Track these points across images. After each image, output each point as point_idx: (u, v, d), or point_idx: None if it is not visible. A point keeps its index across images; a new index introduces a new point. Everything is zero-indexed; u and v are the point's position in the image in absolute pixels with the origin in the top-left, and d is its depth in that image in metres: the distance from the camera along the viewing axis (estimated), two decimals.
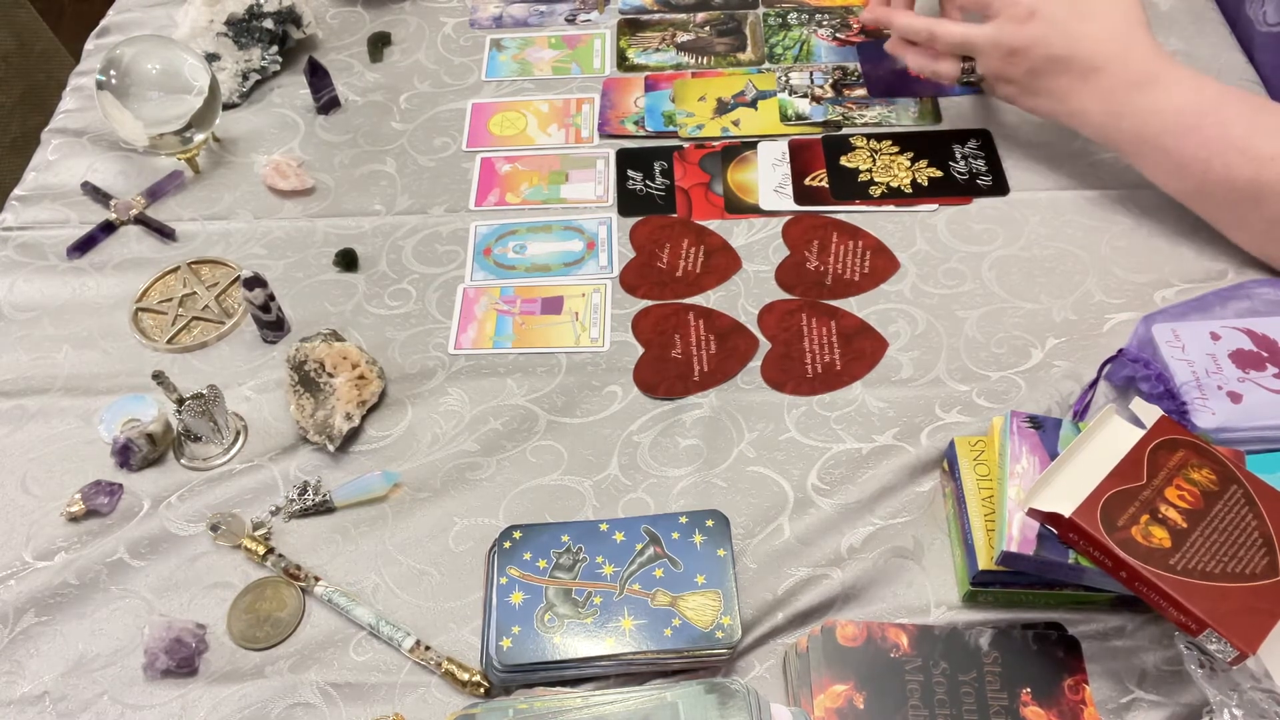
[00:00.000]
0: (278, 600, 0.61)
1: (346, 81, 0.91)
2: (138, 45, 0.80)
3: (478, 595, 0.61)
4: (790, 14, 0.93)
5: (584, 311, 0.74)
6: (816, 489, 0.64)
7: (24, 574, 0.63)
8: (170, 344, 0.74)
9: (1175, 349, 0.63)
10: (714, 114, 0.86)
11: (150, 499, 0.66)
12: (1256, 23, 0.83)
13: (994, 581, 0.57)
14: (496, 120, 0.87)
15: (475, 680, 0.57)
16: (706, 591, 0.57)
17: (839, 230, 0.77)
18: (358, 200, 0.83)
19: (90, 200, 0.84)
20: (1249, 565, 0.52)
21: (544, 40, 0.94)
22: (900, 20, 0.79)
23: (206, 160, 0.86)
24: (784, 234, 0.78)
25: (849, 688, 0.54)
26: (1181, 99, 0.69)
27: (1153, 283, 0.71)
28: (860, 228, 0.77)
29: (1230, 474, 0.55)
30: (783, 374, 0.69)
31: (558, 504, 0.65)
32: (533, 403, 0.69)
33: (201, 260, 0.80)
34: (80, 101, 0.92)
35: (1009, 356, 0.69)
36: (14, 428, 0.71)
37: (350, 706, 0.57)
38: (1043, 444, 0.58)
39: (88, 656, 0.60)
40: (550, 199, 0.82)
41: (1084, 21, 0.71)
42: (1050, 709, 0.53)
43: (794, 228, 0.78)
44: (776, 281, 0.75)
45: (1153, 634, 0.57)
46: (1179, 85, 0.69)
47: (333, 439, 0.67)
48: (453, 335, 0.73)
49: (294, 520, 0.65)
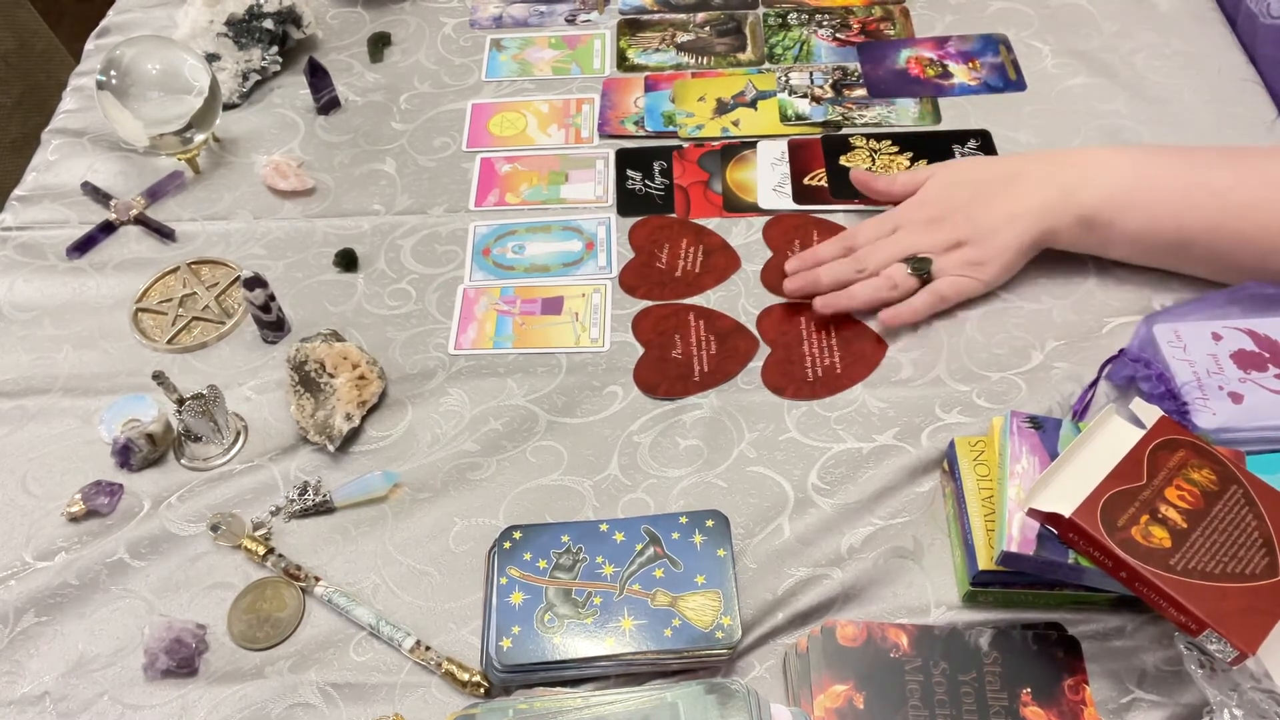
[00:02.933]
0: (278, 600, 0.61)
1: (346, 81, 0.91)
2: (138, 45, 0.80)
3: (478, 595, 0.61)
4: (790, 14, 0.93)
5: (584, 312, 0.74)
6: (817, 489, 0.64)
7: (24, 574, 0.63)
8: (170, 344, 0.74)
9: (1177, 349, 0.63)
10: (714, 114, 0.86)
11: (150, 499, 0.66)
12: (1260, 16, 0.83)
13: (994, 581, 0.57)
14: (496, 120, 0.87)
15: (475, 680, 0.57)
16: (706, 591, 0.57)
17: (819, 228, 0.77)
18: (357, 200, 0.83)
19: (90, 200, 0.84)
20: (1249, 565, 0.52)
21: (544, 40, 0.94)
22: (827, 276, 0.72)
23: (206, 160, 0.86)
24: (765, 236, 0.77)
25: (849, 688, 0.54)
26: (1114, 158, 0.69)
27: (1154, 284, 0.71)
28: (840, 225, 0.77)
29: (1230, 474, 0.55)
30: (783, 378, 0.69)
31: (558, 504, 0.65)
32: (533, 403, 0.69)
33: (201, 260, 0.80)
34: (80, 101, 0.92)
35: (1009, 357, 0.69)
36: (14, 428, 0.71)
37: (350, 707, 0.57)
38: (1043, 444, 0.58)
39: (88, 656, 0.60)
40: (550, 199, 0.82)
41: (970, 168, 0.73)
42: (1050, 709, 0.53)
43: (774, 229, 0.78)
44: (763, 284, 0.75)
45: (1153, 634, 0.57)
46: (1102, 151, 0.70)
47: (333, 439, 0.67)
48: (453, 335, 0.73)
49: (294, 520, 0.65)
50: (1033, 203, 0.69)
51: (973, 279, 0.70)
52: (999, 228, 0.69)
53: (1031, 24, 0.90)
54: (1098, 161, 0.69)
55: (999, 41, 0.89)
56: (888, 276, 0.71)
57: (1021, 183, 0.70)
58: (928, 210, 0.72)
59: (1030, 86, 0.85)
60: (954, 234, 0.70)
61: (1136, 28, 0.89)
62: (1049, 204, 0.69)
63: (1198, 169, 0.67)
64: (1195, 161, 0.68)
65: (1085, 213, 0.68)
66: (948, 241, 0.71)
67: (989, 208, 0.70)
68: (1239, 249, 0.66)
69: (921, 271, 0.70)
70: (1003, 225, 0.69)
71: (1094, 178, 0.68)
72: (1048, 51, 0.88)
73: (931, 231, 0.71)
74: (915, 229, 0.72)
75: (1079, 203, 0.68)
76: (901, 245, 0.72)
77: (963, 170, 0.74)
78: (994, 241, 0.69)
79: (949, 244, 0.71)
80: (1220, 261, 0.67)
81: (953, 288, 0.70)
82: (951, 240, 0.71)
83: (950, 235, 0.71)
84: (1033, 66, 0.87)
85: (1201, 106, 0.82)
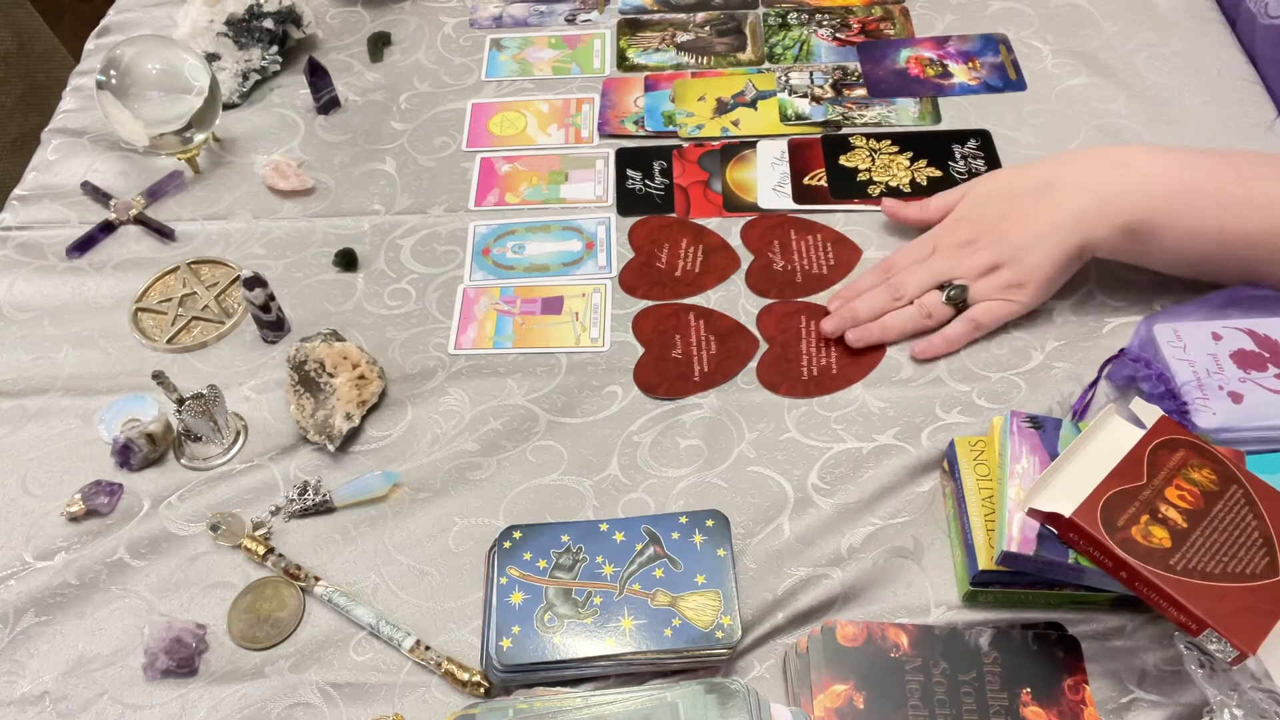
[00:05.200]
0: (278, 600, 0.61)
1: (346, 81, 0.91)
2: (138, 45, 0.80)
3: (478, 595, 0.61)
4: (790, 14, 0.93)
5: (584, 311, 0.74)
6: (817, 489, 0.64)
7: (24, 574, 0.63)
8: (170, 344, 0.74)
9: (1177, 349, 0.63)
10: (714, 114, 0.86)
11: (150, 499, 0.66)
12: (1259, 16, 0.83)
13: (994, 581, 0.57)
14: (496, 120, 0.87)
15: (475, 680, 0.57)
16: (706, 591, 0.57)
17: (795, 227, 0.77)
18: (357, 200, 0.83)
19: (90, 200, 0.84)
20: (1249, 565, 0.52)
21: (544, 40, 0.94)
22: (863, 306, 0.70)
23: (206, 160, 0.86)
24: (743, 239, 0.77)
25: (849, 688, 0.54)
26: (1159, 162, 0.65)
27: (1154, 284, 0.71)
28: (815, 221, 0.77)
29: (1230, 474, 0.55)
30: (778, 375, 0.69)
31: (558, 504, 0.65)
32: (533, 403, 0.69)
33: (201, 260, 0.80)
34: (80, 101, 0.92)
35: (1009, 357, 0.69)
36: (14, 428, 0.71)
37: (350, 706, 0.57)
38: (1043, 444, 0.58)
39: (88, 656, 0.60)
40: (550, 199, 0.82)
41: (1002, 180, 0.71)
42: (1050, 709, 0.53)
43: (751, 231, 0.78)
44: (748, 286, 0.74)
45: (1153, 634, 0.57)
46: (1144, 153, 0.66)
47: (333, 439, 0.67)
48: (453, 335, 0.73)
49: (294, 520, 0.65)
50: (1067, 214, 0.66)
51: (1010, 302, 0.68)
52: (1032, 245, 0.66)
53: (1031, 24, 0.90)
54: (1140, 166, 0.65)
55: (999, 41, 0.89)
56: (922, 305, 0.69)
57: (1055, 193, 0.67)
58: (961, 232, 0.70)
59: (1030, 86, 0.85)
60: (988, 257, 0.68)
61: (1136, 28, 0.89)
62: (1086, 213, 0.65)
63: (1246, 180, 0.63)
64: (1242, 171, 0.64)
65: (1130, 221, 0.64)
66: (983, 266, 0.68)
67: (1021, 225, 0.67)
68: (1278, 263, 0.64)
69: (957, 301, 0.68)
70: (1035, 242, 0.66)
71: (1138, 183, 0.64)
72: (1048, 51, 0.88)
73: (966, 255, 0.69)
74: (950, 253, 0.70)
75: (1122, 210, 0.64)
76: (937, 270, 0.69)
77: (994, 183, 0.71)
78: (1028, 261, 0.67)
79: (985, 268, 0.68)
80: (1256, 274, 0.65)
81: (988, 314, 0.68)
82: (987, 264, 0.68)
83: (985, 259, 0.68)
84: (1033, 66, 0.87)
85: (1201, 107, 0.82)
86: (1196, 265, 0.67)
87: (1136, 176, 0.65)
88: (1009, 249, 0.67)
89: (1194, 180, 0.64)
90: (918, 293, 0.70)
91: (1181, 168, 0.65)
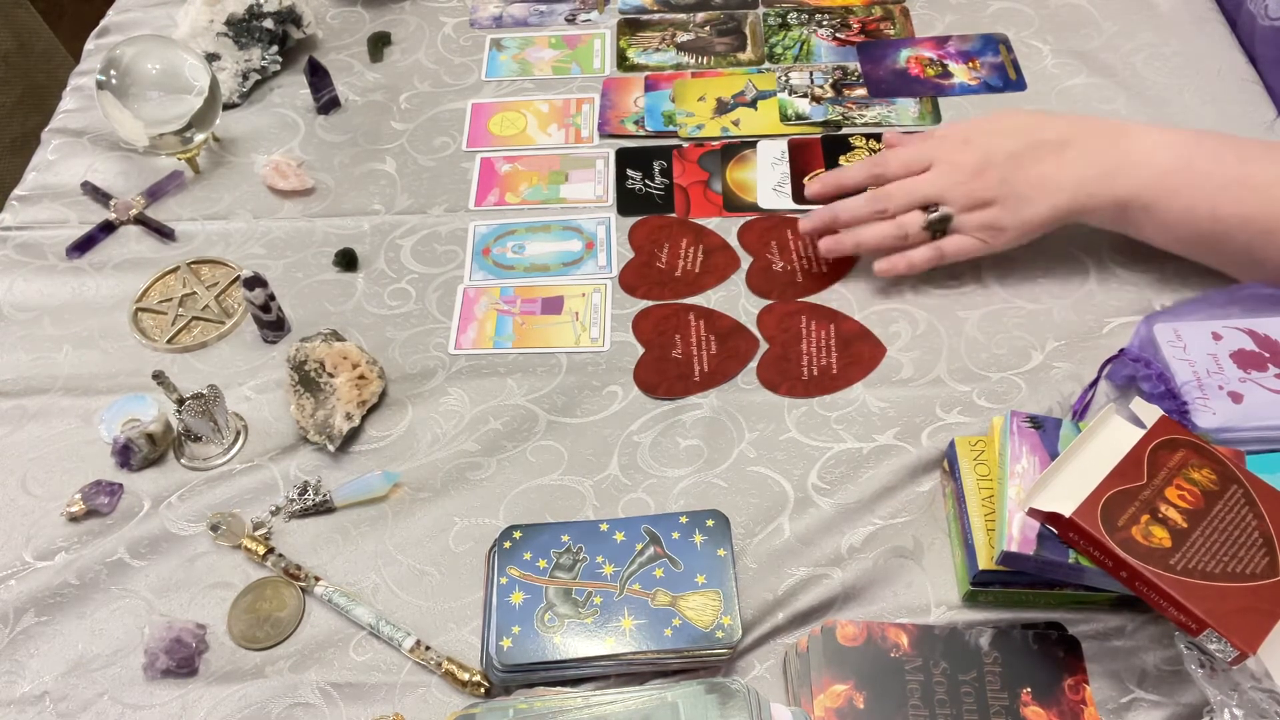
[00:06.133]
0: (278, 600, 0.61)
1: (346, 81, 0.91)
2: (138, 45, 0.80)
3: (478, 595, 0.61)
4: (790, 14, 0.93)
5: (584, 311, 0.74)
6: (817, 489, 0.64)
7: (24, 574, 0.63)
8: (170, 344, 0.74)
9: (1177, 349, 0.63)
10: (714, 114, 0.86)
11: (150, 499, 0.66)
12: (1259, 17, 0.83)
13: (994, 581, 0.57)
14: (496, 120, 0.87)
15: (475, 680, 0.57)
16: (706, 591, 0.57)
17: (791, 228, 0.77)
18: (357, 200, 0.83)
19: (90, 200, 0.84)
20: (1249, 565, 0.52)
21: (544, 40, 0.94)
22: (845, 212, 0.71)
23: (206, 160, 0.86)
24: (740, 240, 0.77)
25: (849, 688, 0.54)
26: (1162, 141, 0.67)
27: (1154, 284, 0.71)
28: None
29: (1230, 474, 0.55)
30: (778, 375, 0.69)
31: (558, 504, 0.65)
32: (533, 403, 0.69)
33: (201, 260, 0.80)
34: (80, 101, 0.92)
35: (1010, 357, 0.69)
36: (14, 428, 0.71)
37: (350, 706, 0.57)
38: (1043, 444, 0.58)
39: (88, 656, 0.60)
40: (550, 199, 0.82)
41: (1024, 121, 0.70)
42: (1050, 709, 0.53)
43: (748, 233, 0.78)
44: (749, 288, 0.74)
45: (1153, 634, 0.57)
46: (1151, 132, 0.67)
47: (333, 439, 0.67)
48: (453, 335, 0.73)
49: (294, 520, 0.65)
50: (1070, 177, 0.67)
51: (983, 243, 0.69)
52: (1031, 197, 0.67)
53: (1031, 24, 0.90)
54: (1144, 145, 0.67)
55: (999, 41, 0.89)
56: (901, 224, 0.69)
57: (1067, 153, 0.67)
58: (968, 155, 0.69)
59: (1030, 86, 0.85)
60: (986, 191, 0.68)
61: (1136, 28, 0.89)
62: (1086, 182, 0.67)
63: (1245, 161, 0.65)
64: (1243, 153, 0.65)
65: (1121, 196, 0.66)
66: (977, 198, 0.68)
67: (1026, 172, 0.67)
68: (1273, 246, 0.65)
69: (937, 229, 0.69)
70: (1035, 194, 0.67)
71: (1137, 162, 0.66)
72: (1048, 51, 0.88)
73: (964, 180, 0.68)
74: (949, 173, 0.69)
75: (1117, 184, 0.66)
76: (926, 190, 0.69)
77: (1017, 120, 0.70)
78: (1022, 212, 0.67)
79: (977, 201, 0.68)
80: (1251, 256, 0.66)
81: (957, 248, 0.69)
82: (981, 198, 0.68)
83: (982, 192, 0.68)
84: (1033, 66, 0.87)
85: (1201, 107, 0.82)
86: (1194, 246, 0.68)
87: (1139, 152, 0.67)
88: (1009, 191, 0.68)
89: (1193, 159, 0.66)
90: (901, 210, 0.70)
91: (1183, 146, 0.66)
